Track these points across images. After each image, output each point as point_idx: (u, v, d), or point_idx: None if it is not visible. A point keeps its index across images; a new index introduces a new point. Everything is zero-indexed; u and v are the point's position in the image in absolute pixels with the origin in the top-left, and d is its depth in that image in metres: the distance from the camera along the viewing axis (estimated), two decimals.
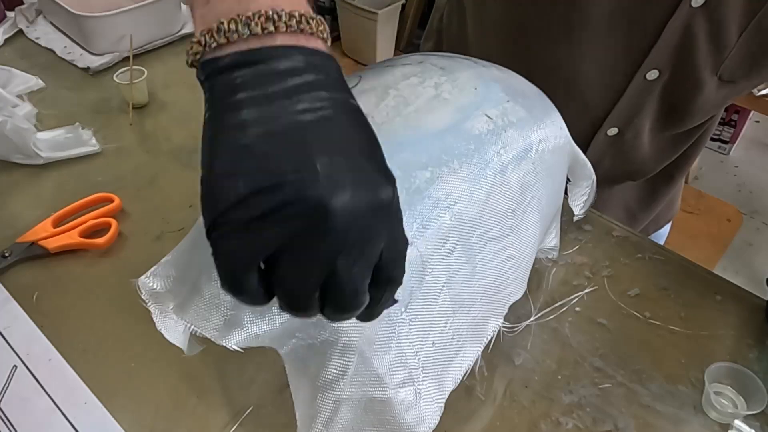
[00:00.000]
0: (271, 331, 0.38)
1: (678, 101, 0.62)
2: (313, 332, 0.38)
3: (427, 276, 0.39)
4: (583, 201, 0.58)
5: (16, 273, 0.60)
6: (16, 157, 0.71)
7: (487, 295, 0.44)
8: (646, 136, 0.66)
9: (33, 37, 0.95)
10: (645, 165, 0.71)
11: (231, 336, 0.39)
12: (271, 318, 0.38)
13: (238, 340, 0.38)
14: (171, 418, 0.49)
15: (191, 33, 0.96)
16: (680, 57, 0.57)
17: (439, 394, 0.42)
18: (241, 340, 0.38)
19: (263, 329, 0.38)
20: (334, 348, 0.38)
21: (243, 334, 0.38)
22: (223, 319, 0.39)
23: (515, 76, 0.50)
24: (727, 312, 0.56)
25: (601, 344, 0.54)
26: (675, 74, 0.59)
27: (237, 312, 0.39)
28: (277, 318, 0.38)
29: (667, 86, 0.60)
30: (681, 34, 0.55)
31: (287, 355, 0.40)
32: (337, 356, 0.38)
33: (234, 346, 0.38)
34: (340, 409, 0.39)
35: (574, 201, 0.58)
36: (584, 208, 0.59)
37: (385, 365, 0.38)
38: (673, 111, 0.64)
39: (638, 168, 0.71)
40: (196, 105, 0.82)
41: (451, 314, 0.41)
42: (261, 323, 0.38)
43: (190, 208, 0.66)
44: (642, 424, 0.48)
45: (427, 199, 0.39)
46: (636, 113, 0.63)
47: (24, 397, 0.50)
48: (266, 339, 0.39)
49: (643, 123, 0.64)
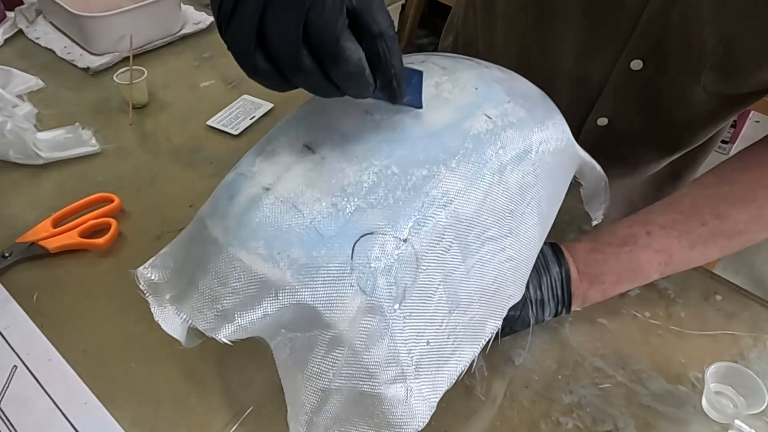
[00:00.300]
0: (261, 321, 0.39)
1: (669, 105, 0.62)
2: (303, 325, 0.39)
3: (422, 273, 0.39)
4: (600, 205, 0.58)
5: (16, 273, 0.60)
6: (16, 157, 0.71)
7: (486, 296, 0.44)
8: (638, 129, 0.66)
9: (33, 37, 0.95)
10: (640, 162, 0.71)
11: (222, 329, 0.39)
12: (260, 308, 0.38)
13: (228, 333, 0.39)
14: (171, 418, 0.49)
15: (191, 33, 0.97)
16: (661, 50, 0.56)
17: (432, 393, 0.42)
18: (230, 333, 0.39)
19: (251, 319, 0.38)
20: (323, 340, 0.38)
21: (232, 327, 0.39)
22: (215, 312, 0.40)
23: (518, 77, 0.50)
24: (727, 312, 0.56)
25: (601, 344, 0.54)
26: (658, 69, 0.58)
27: (229, 305, 0.39)
28: (267, 307, 0.38)
29: (653, 80, 0.59)
30: (657, 22, 0.54)
31: (277, 346, 0.40)
32: (327, 348, 0.38)
33: (224, 339, 0.39)
34: (329, 399, 0.40)
35: (591, 206, 0.58)
36: (602, 212, 0.58)
37: (376, 360, 0.38)
38: (665, 114, 0.63)
39: (632, 164, 0.71)
40: (196, 105, 0.82)
41: (447, 314, 0.41)
42: (250, 314, 0.38)
43: (190, 208, 0.66)
44: (642, 424, 0.48)
45: (423, 196, 0.39)
46: (623, 103, 0.62)
47: (24, 397, 0.50)
48: (256, 330, 0.39)
49: (633, 115, 0.64)
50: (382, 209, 0.39)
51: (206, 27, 0.98)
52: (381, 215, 0.38)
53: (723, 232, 0.51)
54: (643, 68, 0.58)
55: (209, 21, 0.98)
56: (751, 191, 0.51)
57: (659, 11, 0.53)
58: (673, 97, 0.61)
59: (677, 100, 0.61)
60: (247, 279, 0.38)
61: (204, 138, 0.77)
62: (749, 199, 0.51)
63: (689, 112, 0.63)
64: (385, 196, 0.39)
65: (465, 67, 0.47)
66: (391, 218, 0.38)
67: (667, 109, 0.63)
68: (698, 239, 0.51)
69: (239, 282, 0.39)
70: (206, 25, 0.98)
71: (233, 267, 0.39)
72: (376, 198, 0.39)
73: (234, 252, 0.39)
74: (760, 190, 0.51)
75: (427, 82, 0.44)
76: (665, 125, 0.66)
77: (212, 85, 0.86)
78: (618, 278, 0.51)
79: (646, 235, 0.51)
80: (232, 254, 0.39)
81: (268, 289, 0.38)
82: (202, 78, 0.88)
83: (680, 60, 0.56)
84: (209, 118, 0.79)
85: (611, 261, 0.51)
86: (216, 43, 0.95)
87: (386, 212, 0.39)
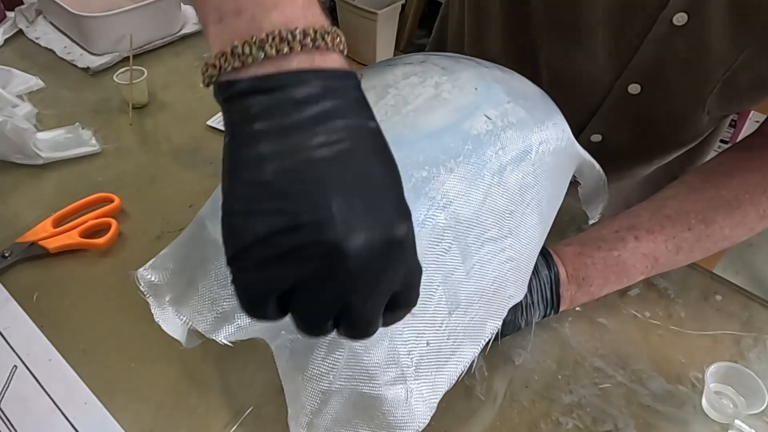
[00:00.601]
0: (261, 324, 0.39)
1: (667, 127, 0.62)
2: None
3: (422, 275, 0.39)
4: (598, 203, 0.58)
5: (16, 273, 0.60)
6: (16, 157, 0.71)
7: (486, 297, 0.43)
8: (632, 146, 0.66)
9: (33, 37, 0.95)
10: (633, 172, 0.71)
11: (221, 330, 0.39)
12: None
13: (228, 334, 0.39)
14: (171, 418, 0.49)
15: (191, 33, 0.97)
16: (661, 76, 0.56)
17: (432, 393, 0.42)
18: (230, 334, 0.39)
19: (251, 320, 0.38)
20: (323, 342, 0.38)
21: (232, 328, 0.39)
22: (215, 314, 0.40)
23: (518, 77, 0.50)
24: (727, 312, 0.56)
25: (601, 344, 0.54)
26: (658, 94, 0.58)
27: (228, 307, 0.39)
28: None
29: (651, 104, 0.59)
30: (660, 50, 0.54)
31: (278, 348, 0.40)
32: (327, 350, 0.38)
33: (224, 340, 0.39)
34: (330, 400, 0.40)
35: (589, 205, 0.58)
36: (599, 211, 0.58)
37: (376, 362, 0.38)
38: (661, 136, 0.63)
39: (626, 173, 0.71)
40: (196, 105, 0.82)
41: (447, 315, 0.41)
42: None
43: (190, 208, 0.66)
44: (642, 424, 0.48)
45: (423, 198, 0.39)
46: (618, 123, 0.62)
47: (24, 397, 0.50)
48: (256, 331, 0.39)
49: (626, 135, 0.64)
50: None
51: None
52: None
53: (708, 237, 0.52)
54: (641, 92, 0.58)
55: None
56: (735, 197, 0.52)
57: (663, 38, 0.53)
58: (671, 120, 0.61)
59: (676, 122, 0.61)
60: None
61: (204, 138, 0.77)
62: (733, 206, 0.52)
63: (687, 131, 0.63)
64: None
65: (465, 66, 0.47)
66: None
67: (663, 130, 0.63)
68: (684, 243, 0.52)
69: None
70: None
71: None
72: None
73: None
74: (743, 195, 0.52)
75: (426, 82, 0.44)
76: (661, 143, 0.66)
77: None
78: (605, 281, 0.52)
79: (634, 239, 0.51)
80: None
81: None
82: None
83: (683, 87, 0.56)
84: (209, 118, 0.79)
85: (599, 264, 0.51)
86: None
87: None
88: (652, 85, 0.57)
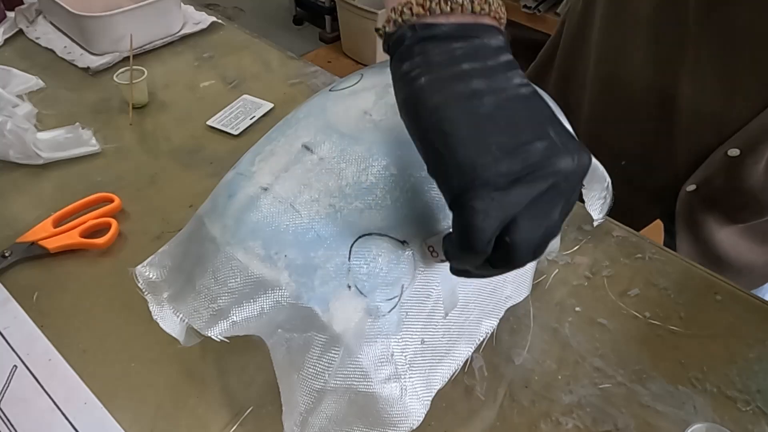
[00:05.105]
0: (257, 319, 0.39)
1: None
2: (299, 325, 0.39)
3: (420, 274, 0.39)
4: (600, 205, 0.58)
5: (16, 273, 0.60)
6: (16, 157, 0.71)
7: (482, 297, 0.44)
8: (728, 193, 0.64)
9: (33, 37, 0.95)
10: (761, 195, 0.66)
11: (216, 326, 0.40)
12: (256, 306, 0.39)
13: (222, 330, 0.39)
14: (171, 418, 0.49)
15: (191, 33, 0.97)
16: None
17: (426, 391, 0.42)
18: (224, 330, 0.39)
19: (246, 316, 0.39)
20: (319, 340, 0.38)
21: (226, 324, 0.39)
22: (212, 312, 0.40)
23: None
24: (727, 312, 0.56)
25: (601, 344, 0.54)
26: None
27: (225, 304, 0.39)
28: (263, 306, 0.38)
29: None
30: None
31: (274, 345, 0.40)
32: (323, 349, 0.38)
33: (219, 336, 0.39)
34: (324, 399, 0.40)
35: (592, 205, 0.58)
36: (602, 213, 0.58)
37: (371, 360, 0.38)
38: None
39: (753, 198, 0.66)
40: (196, 105, 0.82)
41: (443, 314, 0.41)
42: (245, 311, 0.39)
43: (190, 208, 0.66)
44: (642, 424, 0.48)
45: (422, 197, 0.39)
46: (764, 137, 0.60)
47: (24, 397, 0.50)
48: (252, 328, 0.40)
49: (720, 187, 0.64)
50: (380, 210, 0.39)
51: (206, 27, 0.97)
52: (379, 216, 0.38)
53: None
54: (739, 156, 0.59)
55: (209, 21, 0.98)
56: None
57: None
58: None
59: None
60: (243, 279, 0.38)
61: (204, 138, 0.77)
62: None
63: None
64: (383, 197, 0.39)
65: None
66: (389, 219, 0.38)
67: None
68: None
69: (236, 281, 0.39)
70: (206, 25, 0.98)
71: (230, 266, 0.39)
72: (374, 199, 0.39)
73: (231, 251, 0.39)
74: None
75: None
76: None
77: (212, 85, 0.86)
78: None
79: None
80: (229, 253, 0.39)
81: (265, 288, 0.38)
82: (202, 78, 0.88)
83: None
84: (209, 118, 0.79)
85: None
86: (216, 43, 0.95)
87: (384, 213, 0.39)
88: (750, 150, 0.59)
